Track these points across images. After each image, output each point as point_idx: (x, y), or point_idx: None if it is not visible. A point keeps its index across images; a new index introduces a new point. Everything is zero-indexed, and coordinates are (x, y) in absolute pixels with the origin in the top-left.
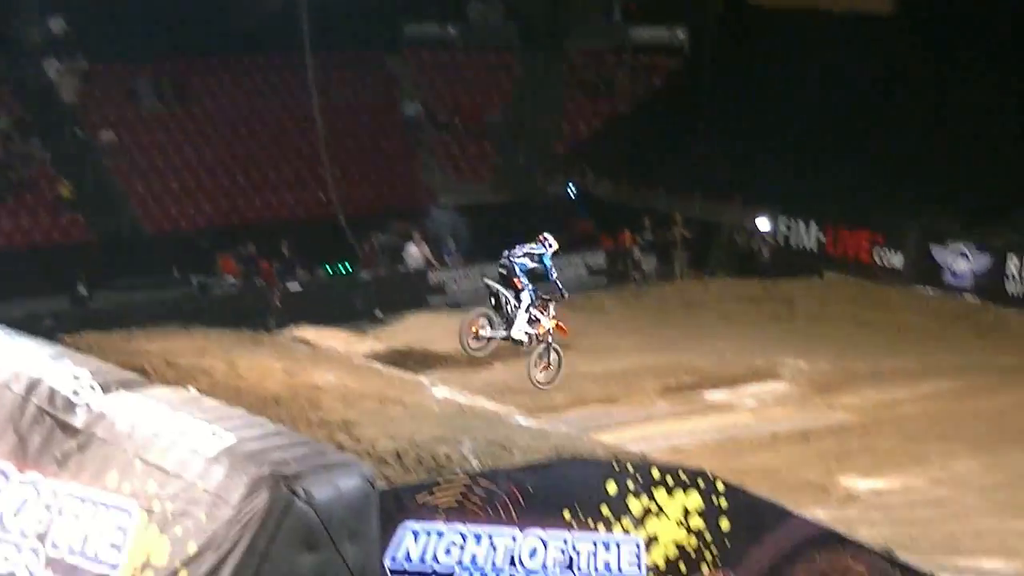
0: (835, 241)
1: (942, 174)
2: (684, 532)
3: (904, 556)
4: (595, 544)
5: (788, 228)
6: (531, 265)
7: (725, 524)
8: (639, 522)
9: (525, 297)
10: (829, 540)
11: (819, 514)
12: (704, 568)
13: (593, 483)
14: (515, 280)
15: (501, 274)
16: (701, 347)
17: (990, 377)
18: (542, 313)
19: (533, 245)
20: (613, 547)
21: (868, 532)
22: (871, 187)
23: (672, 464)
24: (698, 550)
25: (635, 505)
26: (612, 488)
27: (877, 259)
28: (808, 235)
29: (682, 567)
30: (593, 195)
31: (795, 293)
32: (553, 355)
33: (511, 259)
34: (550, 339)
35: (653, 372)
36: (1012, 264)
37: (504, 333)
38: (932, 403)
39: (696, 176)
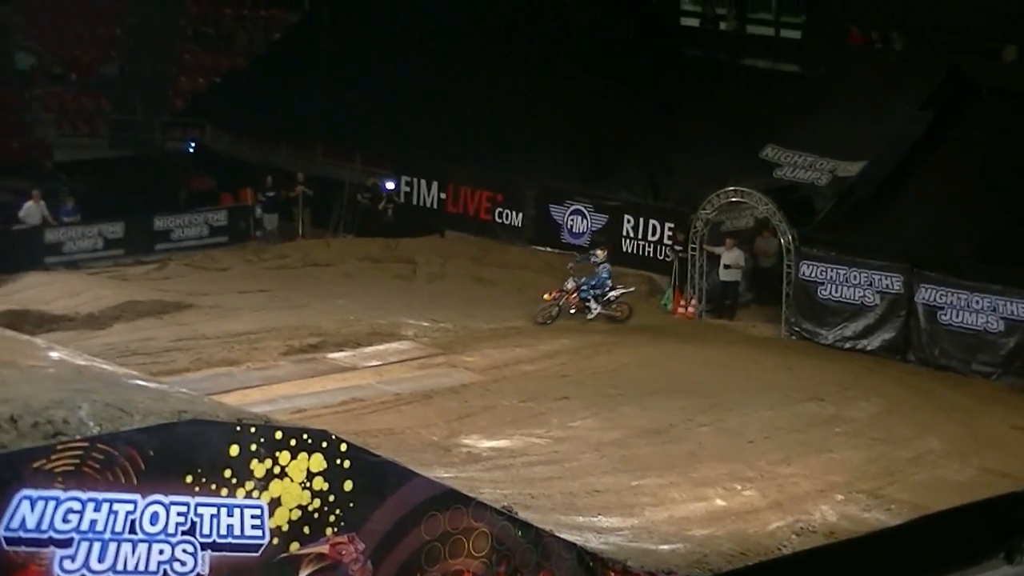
0: (456, 200)
1: (557, 135)
2: (307, 494)
3: (524, 514)
4: (218, 508)
5: (409, 187)
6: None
7: (348, 486)
8: (262, 485)
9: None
10: (452, 500)
11: (441, 474)
12: (328, 530)
13: (215, 446)
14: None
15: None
16: (324, 307)
17: (607, 335)
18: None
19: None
20: (236, 511)
21: (489, 491)
22: (490, 146)
23: (295, 426)
24: (322, 512)
25: (258, 468)
26: (235, 451)
27: (497, 217)
28: (429, 194)
29: (306, 530)
30: (213, 151)
31: (417, 252)
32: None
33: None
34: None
35: (276, 333)
36: (627, 224)
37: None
38: (551, 362)
39: (318, 133)
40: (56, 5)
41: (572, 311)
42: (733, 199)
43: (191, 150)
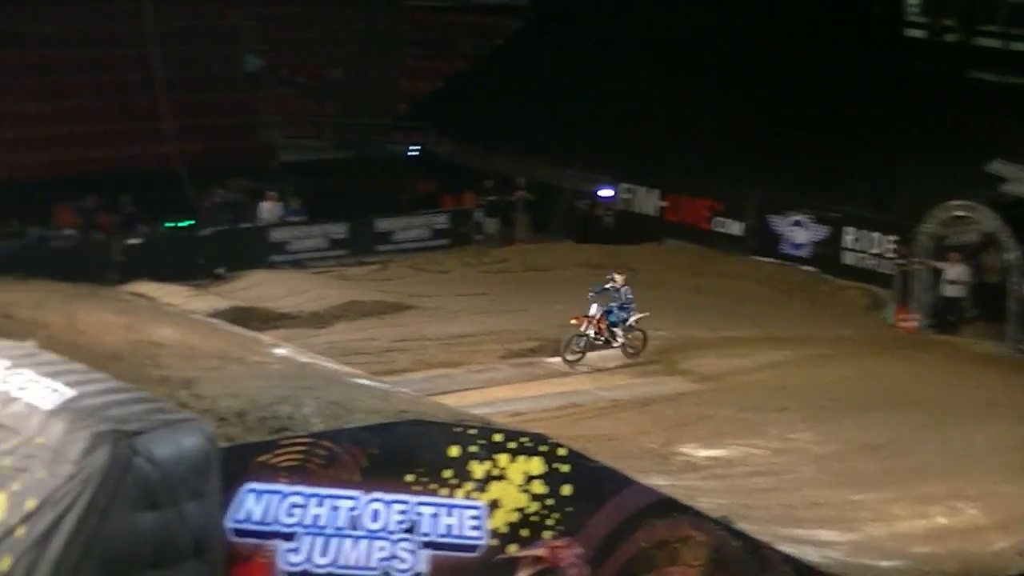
0: (675, 208)
1: (781, 143)
2: (526, 497)
3: (742, 525)
4: (437, 508)
5: (629, 194)
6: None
7: (567, 490)
8: (481, 486)
9: None
10: (669, 508)
11: (658, 482)
12: (546, 534)
13: (436, 446)
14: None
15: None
16: (543, 312)
17: (826, 348)
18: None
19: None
20: (455, 511)
21: (707, 501)
22: (711, 155)
23: (514, 429)
24: (540, 515)
25: (477, 469)
26: (455, 452)
27: (716, 227)
28: (648, 201)
29: (524, 533)
30: (435, 154)
31: (635, 259)
32: None
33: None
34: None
35: (495, 336)
36: (848, 236)
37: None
38: (770, 372)
39: (538, 138)
40: (284, 9)
41: (600, 341)
42: (958, 213)
43: (414, 154)
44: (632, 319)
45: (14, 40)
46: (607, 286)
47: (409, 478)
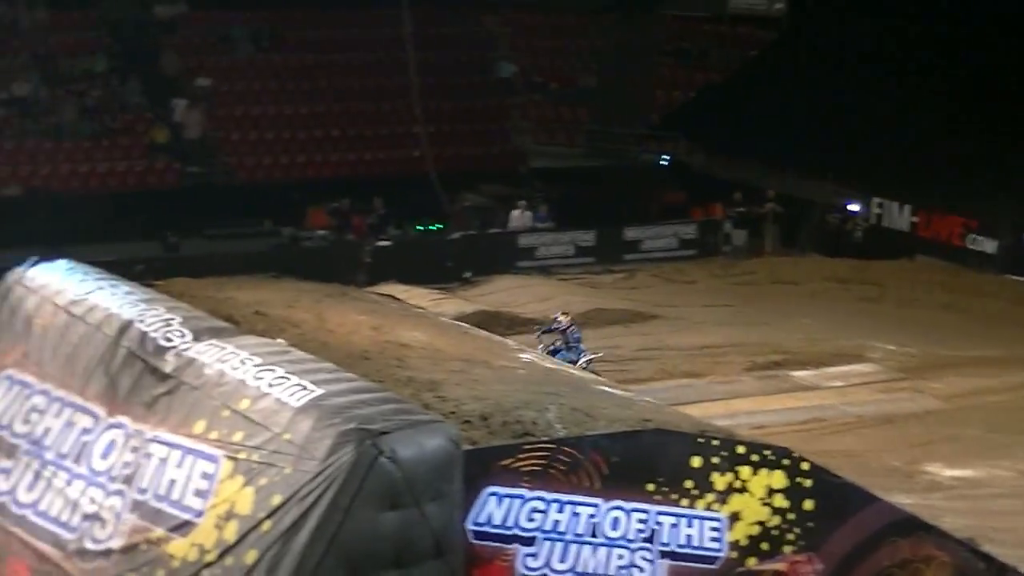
0: (927, 224)
1: None
2: (767, 511)
3: (987, 547)
4: (678, 518)
5: (880, 209)
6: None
7: (809, 505)
8: (722, 498)
9: None
10: (913, 527)
11: (902, 500)
12: (786, 548)
13: (678, 456)
14: None
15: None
16: (789, 325)
17: None
18: None
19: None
20: (696, 522)
21: (951, 521)
22: (965, 171)
23: (757, 441)
24: (781, 529)
25: (719, 481)
26: (697, 462)
27: (969, 244)
28: (900, 217)
29: (764, 546)
30: (686, 165)
31: (885, 275)
32: None
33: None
34: None
35: (740, 348)
36: None
37: None
38: (1019, 394)
39: (789, 151)
40: (540, 17)
41: None
42: None
43: (665, 163)
44: (582, 361)
45: (277, 44)
46: (553, 326)
47: (650, 487)
